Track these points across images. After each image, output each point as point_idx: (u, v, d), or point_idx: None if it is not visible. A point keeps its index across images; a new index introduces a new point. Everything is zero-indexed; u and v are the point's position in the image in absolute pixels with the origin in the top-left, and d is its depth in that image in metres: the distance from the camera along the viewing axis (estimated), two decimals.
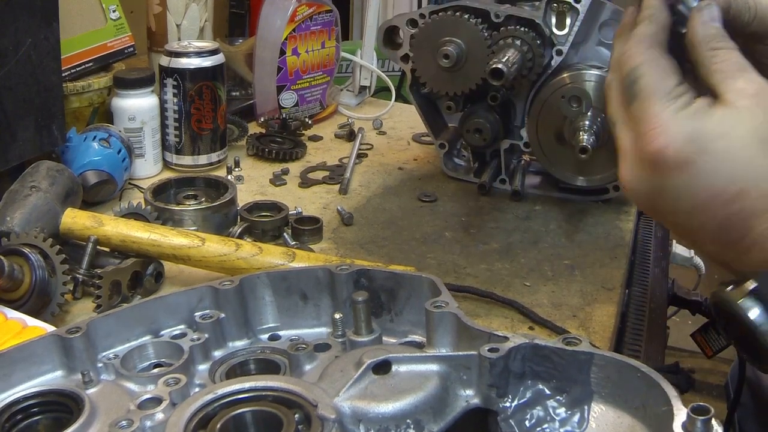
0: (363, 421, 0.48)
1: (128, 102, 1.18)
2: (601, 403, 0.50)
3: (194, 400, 0.49)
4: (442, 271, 0.97)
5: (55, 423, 0.52)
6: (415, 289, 0.61)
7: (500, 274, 0.97)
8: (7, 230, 0.85)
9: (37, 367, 0.54)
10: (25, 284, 0.80)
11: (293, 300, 0.62)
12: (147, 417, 0.48)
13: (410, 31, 1.14)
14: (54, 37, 1.00)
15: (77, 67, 1.19)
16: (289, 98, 1.40)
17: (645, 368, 0.47)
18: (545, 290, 0.93)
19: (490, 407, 0.50)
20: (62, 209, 0.90)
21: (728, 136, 0.53)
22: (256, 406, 0.49)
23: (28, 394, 0.52)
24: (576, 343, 0.50)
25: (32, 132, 0.99)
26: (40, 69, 0.98)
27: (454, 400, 0.51)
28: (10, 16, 0.93)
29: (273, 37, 1.35)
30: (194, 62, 1.20)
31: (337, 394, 0.49)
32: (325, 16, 1.40)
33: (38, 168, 0.94)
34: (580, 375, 0.50)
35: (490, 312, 0.89)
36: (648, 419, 0.47)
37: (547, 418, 0.51)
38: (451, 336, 0.56)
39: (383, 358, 0.51)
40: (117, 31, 1.26)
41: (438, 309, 0.56)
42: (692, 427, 0.42)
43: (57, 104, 1.03)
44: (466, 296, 0.91)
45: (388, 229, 1.08)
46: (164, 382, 0.51)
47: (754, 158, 0.52)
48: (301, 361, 0.56)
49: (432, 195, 1.18)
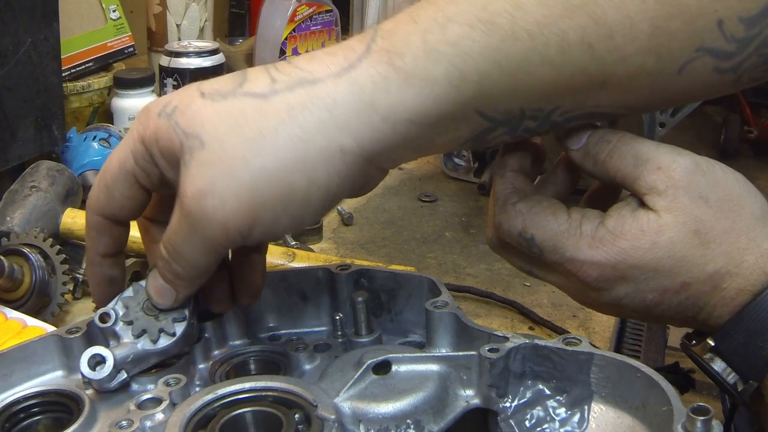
0: (363, 421, 0.48)
1: (128, 102, 1.18)
2: (601, 403, 0.50)
3: (194, 400, 0.49)
4: (442, 271, 0.97)
5: (55, 423, 0.52)
6: (415, 289, 0.61)
7: (500, 274, 0.97)
8: (7, 230, 0.85)
9: (37, 367, 0.54)
10: (25, 284, 0.80)
11: (293, 300, 0.62)
12: (147, 417, 0.48)
13: None
14: (54, 37, 1.00)
15: (77, 67, 1.19)
16: None
17: (645, 368, 0.47)
18: (545, 290, 0.93)
19: (490, 407, 0.50)
20: (62, 209, 0.90)
21: (653, 245, 0.52)
22: (256, 406, 0.49)
23: (28, 394, 0.52)
24: (576, 343, 0.50)
25: (32, 132, 0.99)
26: (40, 69, 0.98)
27: (454, 400, 0.51)
28: (10, 16, 0.93)
29: (273, 37, 1.35)
30: (194, 62, 1.20)
31: (337, 394, 0.49)
32: (325, 16, 1.40)
33: (38, 168, 0.94)
34: (580, 375, 0.50)
35: (490, 312, 0.89)
36: (648, 419, 0.47)
37: (547, 418, 0.51)
38: (451, 336, 0.56)
39: (383, 358, 0.51)
40: (117, 31, 1.26)
41: (438, 309, 0.56)
42: (692, 427, 0.42)
43: (57, 104, 1.03)
44: (466, 296, 0.91)
45: (388, 229, 1.08)
46: (164, 382, 0.51)
47: (685, 251, 0.52)
48: (301, 361, 0.56)
49: (432, 195, 1.18)
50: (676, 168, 0.53)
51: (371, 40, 0.47)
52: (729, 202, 0.53)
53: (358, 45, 0.47)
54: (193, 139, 0.46)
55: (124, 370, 0.51)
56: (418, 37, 0.46)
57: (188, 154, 0.46)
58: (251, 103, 0.46)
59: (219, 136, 0.45)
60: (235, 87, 0.47)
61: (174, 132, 0.47)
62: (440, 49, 0.46)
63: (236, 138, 0.45)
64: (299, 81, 0.46)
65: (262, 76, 0.47)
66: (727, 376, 0.54)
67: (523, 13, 0.47)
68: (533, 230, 0.55)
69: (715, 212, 0.53)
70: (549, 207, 0.55)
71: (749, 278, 0.53)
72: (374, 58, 0.46)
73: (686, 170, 0.53)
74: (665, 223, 0.52)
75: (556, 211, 0.55)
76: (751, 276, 0.53)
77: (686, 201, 0.52)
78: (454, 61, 0.46)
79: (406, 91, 0.46)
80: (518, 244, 0.56)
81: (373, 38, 0.47)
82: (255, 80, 0.47)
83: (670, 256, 0.52)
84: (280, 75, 0.47)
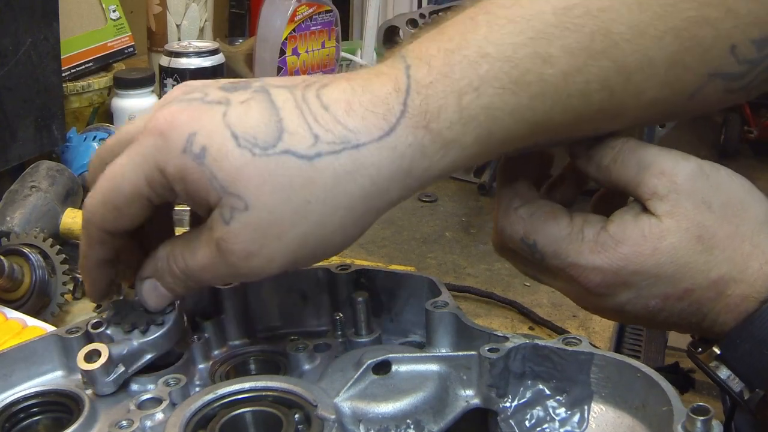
0: (363, 421, 0.48)
1: (128, 102, 1.18)
2: (601, 403, 0.50)
3: (194, 400, 0.49)
4: (442, 271, 0.97)
5: (55, 423, 0.52)
6: (415, 289, 0.61)
7: (500, 274, 0.97)
8: (7, 230, 0.85)
9: (37, 367, 0.54)
10: (25, 284, 0.80)
11: (293, 300, 0.62)
12: (147, 417, 0.48)
13: (410, 31, 1.14)
14: (54, 37, 1.00)
15: (77, 67, 1.19)
16: None
17: (645, 368, 0.47)
18: (545, 290, 0.93)
19: (490, 407, 0.50)
20: (62, 209, 0.91)
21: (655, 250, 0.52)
22: (255, 406, 0.49)
23: (28, 394, 0.52)
24: (576, 343, 0.50)
25: (32, 132, 0.99)
26: (40, 69, 0.98)
27: (454, 400, 0.51)
28: (10, 16, 0.93)
29: (273, 37, 1.35)
30: (194, 62, 1.20)
31: (337, 394, 0.49)
32: (325, 16, 1.40)
33: (38, 168, 0.94)
34: (580, 375, 0.50)
35: (490, 312, 0.89)
36: (648, 419, 0.47)
37: (547, 418, 0.51)
38: (451, 336, 0.56)
39: (383, 358, 0.51)
40: (117, 31, 1.26)
41: (438, 309, 0.56)
42: (692, 427, 0.42)
43: (57, 104, 1.03)
44: (466, 296, 0.91)
45: (388, 229, 1.08)
46: (164, 382, 0.51)
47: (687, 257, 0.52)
48: (301, 361, 0.56)
49: (432, 195, 1.18)
50: (679, 173, 0.52)
51: (406, 92, 0.47)
52: (733, 207, 0.53)
53: (396, 100, 0.47)
54: (236, 199, 0.46)
55: (121, 363, 0.51)
56: (453, 100, 0.47)
57: (229, 212, 0.46)
58: (297, 166, 0.46)
59: (266, 201, 0.46)
60: (274, 139, 0.46)
61: (210, 183, 0.46)
62: (473, 113, 0.47)
63: (284, 206, 0.46)
64: (342, 142, 0.46)
65: (302, 128, 0.46)
66: (733, 384, 0.53)
67: (551, 66, 0.48)
68: (535, 236, 0.55)
69: (718, 217, 0.52)
70: (551, 212, 0.55)
71: (754, 285, 0.52)
72: (412, 122, 0.47)
73: (689, 175, 0.52)
74: (667, 228, 0.52)
75: (558, 216, 0.55)
76: (755, 282, 0.52)
77: (689, 206, 0.52)
78: (484, 125, 0.48)
79: (442, 158, 0.48)
80: (521, 249, 0.56)
81: (408, 89, 0.47)
82: (296, 133, 0.46)
83: (673, 262, 0.52)
84: (321, 130, 0.46)
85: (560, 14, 0.48)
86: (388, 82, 0.47)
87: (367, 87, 0.47)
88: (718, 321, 0.53)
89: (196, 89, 0.49)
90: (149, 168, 0.47)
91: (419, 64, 0.47)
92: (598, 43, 0.48)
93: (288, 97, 0.47)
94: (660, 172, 0.53)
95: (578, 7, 0.48)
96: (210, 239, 0.47)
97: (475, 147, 0.48)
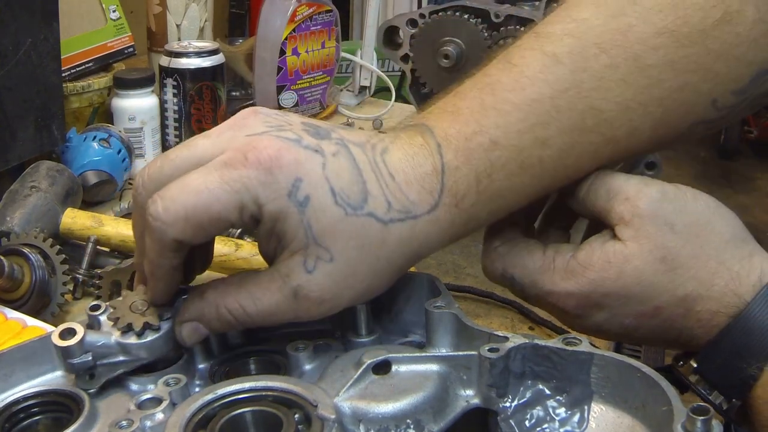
0: (363, 421, 0.48)
1: (128, 102, 1.18)
2: (601, 403, 0.50)
3: (194, 400, 0.49)
4: (442, 271, 0.97)
5: (55, 423, 0.52)
6: (414, 289, 0.61)
7: None
8: (7, 230, 0.85)
9: (37, 367, 0.54)
10: (25, 284, 0.80)
11: None
12: (147, 417, 0.48)
13: (410, 31, 1.14)
14: (54, 37, 1.00)
15: (77, 67, 1.19)
16: (289, 98, 1.40)
17: (645, 368, 0.48)
18: None
19: (490, 407, 0.50)
20: (62, 209, 0.90)
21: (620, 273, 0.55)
22: (255, 406, 0.49)
23: (28, 394, 0.52)
24: (576, 343, 0.50)
25: (32, 132, 0.99)
26: (40, 69, 0.98)
27: (454, 400, 0.51)
28: (10, 16, 0.93)
29: (273, 37, 1.35)
30: (194, 62, 1.20)
31: (337, 394, 0.49)
32: (325, 16, 1.40)
33: (38, 168, 0.94)
34: (580, 375, 0.50)
35: (490, 312, 0.89)
36: (648, 419, 0.47)
37: (547, 418, 0.51)
38: (451, 336, 0.56)
39: (383, 358, 0.51)
40: (117, 31, 1.26)
41: (438, 309, 0.56)
42: (692, 427, 0.42)
43: (57, 104, 1.03)
44: (466, 296, 0.91)
45: None
46: (164, 382, 0.51)
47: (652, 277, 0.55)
48: (301, 361, 0.56)
49: None
50: (642, 198, 0.55)
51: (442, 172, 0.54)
52: (697, 228, 0.55)
53: (436, 179, 0.54)
54: (323, 251, 0.51)
55: (91, 352, 0.51)
56: (474, 183, 0.54)
57: (313, 261, 0.51)
58: (376, 228, 0.52)
59: (348, 256, 0.52)
60: (361, 200, 0.52)
61: (305, 233, 0.50)
62: (488, 196, 0.55)
63: (361, 261, 0.52)
64: (406, 212, 0.53)
65: (380, 194, 0.52)
66: (712, 395, 0.56)
67: (548, 147, 0.55)
68: (513, 270, 0.60)
69: (681, 238, 0.55)
70: (526, 248, 0.60)
71: (721, 300, 0.54)
72: (448, 201, 0.54)
73: (651, 199, 0.55)
74: (630, 252, 0.55)
75: (532, 250, 0.59)
76: (723, 298, 0.54)
77: (652, 229, 0.55)
78: (496, 202, 0.56)
79: (464, 228, 0.56)
80: (502, 282, 0.61)
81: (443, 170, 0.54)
82: (377, 198, 0.52)
83: (638, 283, 0.55)
84: (393, 198, 0.53)
85: (556, 97, 0.54)
86: (428, 158, 0.54)
87: (416, 161, 0.54)
88: (693, 335, 0.56)
89: (283, 126, 0.52)
90: (247, 198, 0.49)
91: (447, 146, 0.54)
92: (589, 121, 0.55)
93: (364, 158, 0.53)
94: (625, 199, 0.56)
95: (571, 89, 0.55)
96: (284, 285, 0.52)
97: (488, 218, 0.57)
